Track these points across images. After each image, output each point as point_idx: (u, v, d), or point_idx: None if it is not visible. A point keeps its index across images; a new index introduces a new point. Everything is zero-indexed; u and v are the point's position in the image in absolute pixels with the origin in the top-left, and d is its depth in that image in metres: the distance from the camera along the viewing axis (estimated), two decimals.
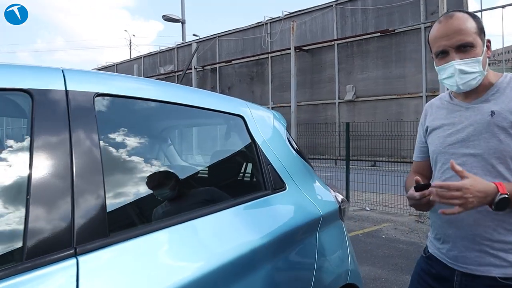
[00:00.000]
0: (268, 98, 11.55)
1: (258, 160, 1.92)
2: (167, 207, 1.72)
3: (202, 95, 1.95)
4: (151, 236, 1.32)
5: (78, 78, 1.34)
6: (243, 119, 1.97)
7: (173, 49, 14.71)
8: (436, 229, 1.71)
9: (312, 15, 10.69)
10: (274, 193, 1.90)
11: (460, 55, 1.50)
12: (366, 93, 9.43)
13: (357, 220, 7.46)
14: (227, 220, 1.62)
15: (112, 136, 1.49)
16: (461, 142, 1.55)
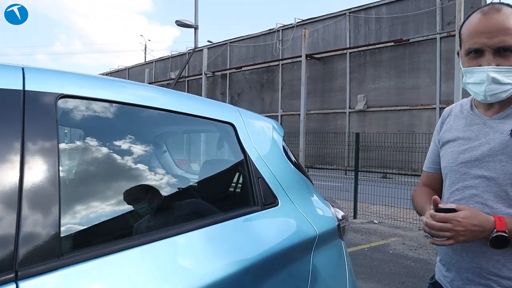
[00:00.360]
0: (278, 106, 11.41)
1: (248, 172, 1.76)
2: (150, 221, 1.57)
3: (189, 100, 1.80)
4: (117, 256, 1.16)
5: (40, 77, 1.20)
6: (233, 127, 1.81)
7: (185, 54, 14.67)
8: (441, 254, 1.53)
9: (324, 23, 10.54)
10: (264, 209, 1.73)
11: (497, 59, 1.28)
12: (377, 103, 9.24)
13: (364, 233, 7.25)
14: (206, 239, 1.45)
15: (79, 143, 1.35)
16: (475, 162, 1.37)
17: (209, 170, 2.05)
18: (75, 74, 1.34)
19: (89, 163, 1.44)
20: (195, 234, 1.42)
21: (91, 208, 1.33)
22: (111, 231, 1.40)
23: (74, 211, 1.24)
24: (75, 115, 1.29)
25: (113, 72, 19.02)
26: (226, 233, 1.54)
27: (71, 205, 1.23)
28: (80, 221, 1.26)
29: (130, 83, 1.63)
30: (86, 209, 1.29)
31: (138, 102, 1.48)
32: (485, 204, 1.32)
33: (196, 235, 1.42)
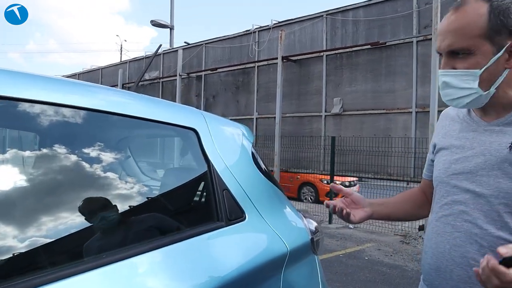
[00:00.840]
0: (253, 108, 11.23)
1: (212, 183, 1.57)
2: (101, 239, 1.36)
3: (146, 103, 1.60)
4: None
5: None
6: (196, 133, 1.62)
7: (159, 55, 14.36)
8: (424, 273, 1.38)
9: (301, 25, 10.43)
10: (229, 224, 1.54)
11: (453, 62, 1.18)
12: (353, 106, 9.17)
13: (339, 238, 7.16)
14: (162, 262, 1.26)
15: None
16: (467, 174, 1.22)
17: (170, 180, 1.85)
18: (8, 71, 1.13)
19: (28, 172, 1.23)
20: (150, 256, 1.23)
21: (29, 225, 1.12)
22: (54, 253, 1.19)
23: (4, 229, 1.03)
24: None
25: (85, 72, 18.51)
26: (185, 254, 1.35)
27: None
28: (13, 243, 1.05)
29: (79, 84, 1.44)
30: (20, 227, 1.08)
31: (89, 106, 1.28)
32: (474, 224, 1.19)
33: (151, 257, 1.23)
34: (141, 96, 1.64)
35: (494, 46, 1.14)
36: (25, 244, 1.07)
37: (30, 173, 1.23)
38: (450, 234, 1.23)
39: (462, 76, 1.17)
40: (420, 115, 8.07)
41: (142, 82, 14.75)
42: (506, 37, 1.13)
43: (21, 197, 1.17)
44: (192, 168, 1.74)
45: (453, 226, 1.23)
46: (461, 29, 1.15)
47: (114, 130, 1.59)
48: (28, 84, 1.17)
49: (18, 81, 1.15)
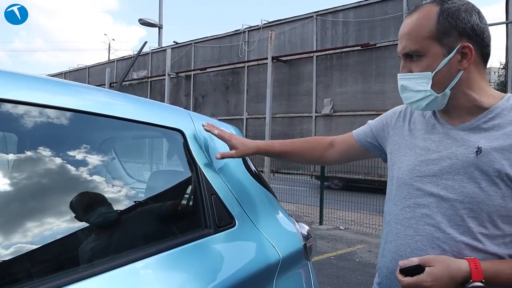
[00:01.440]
0: (243, 109, 11.15)
1: (199, 188, 1.48)
2: (89, 246, 1.26)
3: (131, 102, 1.50)
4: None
5: None
6: (182, 134, 1.53)
7: (148, 54, 14.20)
8: (381, 277, 1.34)
9: (291, 25, 10.38)
10: (218, 232, 1.45)
11: (409, 65, 1.20)
12: (344, 107, 9.13)
13: (330, 240, 7.10)
14: (146, 273, 1.17)
15: None
16: (431, 177, 1.20)
17: (155, 184, 1.75)
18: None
19: (10, 175, 1.14)
20: (129, 269, 1.13)
21: (13, 231, 1.01)
22: (36, 261, 1.09)
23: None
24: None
25: (72, 71, 18.26)
26: (171, 264, 1.25)
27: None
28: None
29: (67, 83, 1.34)
30: (4, 233, 0.97)
31: (74, 107, 1.19)
32: (436, 227, 1.17)
33: (130, 270, 1.13)
34: (125, 96, 1.54)
35: (444, 47, 1.14)
36: (10, 251, 0.98)
37: (12, 176, 1.14)
38: (411, 237, 1.22)
39: (416, 79, 1.18)
40: None
41: (130, 81, 14.59)
42: (456, 39, 1.14)
43: (4, 201, 1.07)
44: (179, 171, 1.64)
45: (415, 229, 1.21)
46: (412, 32, 1.17)
47: (98, 132, 1.49)
48: (13, 84, 1.08)
49: (3, 80, 1.06)
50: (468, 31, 1.13)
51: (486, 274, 1.07)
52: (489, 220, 1.12)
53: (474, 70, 1.16)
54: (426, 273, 1.08)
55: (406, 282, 1.10)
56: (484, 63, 1.19)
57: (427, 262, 1.10)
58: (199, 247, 1.37)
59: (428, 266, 1.09)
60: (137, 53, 2.16)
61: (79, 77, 16.48)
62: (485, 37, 1.15)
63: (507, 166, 1.09)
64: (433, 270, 1.08)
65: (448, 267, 1.08)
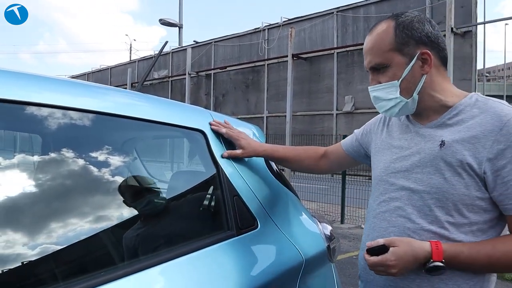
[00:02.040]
0: (263, 107, 11.12)
1: (221, 189, 1.46)
2: (139, 228, 1.26)
3: (153, 103, 1.49)
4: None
5: None
6: (204, 134, 1.51)
7: (168, 54, 14.28)
8: (360, 270, 1.44)
9: (311, 22, 10.29)
10: (240, 234, 1.43)
11: (378, 77, 1.31)
12: (365, 104, 9.01)
13: (352, 239, 7.01)
14: (166, 278, 1.15)
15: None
16: (404, 172, 1.31)
17: (177, 184, 1.73)
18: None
19: (35, 177, 1.14)
20: (153, 272, 1.12)
21: (38, 232, 1.01)
22: (60, 265, 1.09)
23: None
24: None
25: (95, 72, 18.52)
26: (192, 267, 1.23)
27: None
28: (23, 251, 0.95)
29: (88, 85, 1.33)
30: (31, 234, 0.97)
31: (96, 109, 1.19)
32: (407, 218, 1.27)
33: (152, 273, 1.12)
34: (147, 97, 1.53)
35: (405, 56, 1.25)
36: (36, 251, 0.99)
37: (37, 177, 1.14)
38: (385, 229, 1.31)
39: (385, 88, 1.29)
40: None
41: (151, 81, 14.70)
42: (414, 47, 1.25)
43: (29, 203, 1.08)
44: (200, 172, 1.62)
45: (388, 221, 1.31)
46: (374, 47, 1.28)
47: (120, 133, 1.49)
48: (37, 86, 1.09)
49: (27, 83, 1.07)
50: (424, 38, 1.24)
51: (446, 254, 1.15)
52: (455, 209, 1.20)
53: (436, 73, 1.27)
54: (390, 253, 1.17)
55: (372, 261, 1.20)
56: (444, 66, 1.30)
57: (391, 243, 1.19)
58: (221, 250, 1.35)
59: (392, 246, 1.18)
60: (158, 53, 2.15)
61: (102, 78, 16.70)
62: (440, 42, 1.27)
63: (468, 156, 1.17)
64: (397, 250, 1.18)
65: (412, 247, 1.18)
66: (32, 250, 1.00)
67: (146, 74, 1.99)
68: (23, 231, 1.03)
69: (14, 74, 1.07)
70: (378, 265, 1.19)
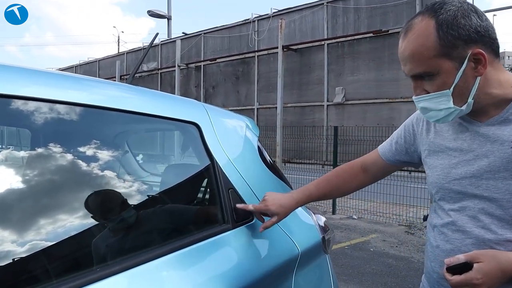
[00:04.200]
0: (254, 99, 11.09)
1: (216, 182, 1.44)
2: (109, 239, 1.23)
3: (145, 96, 1.47)
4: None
5: None
6: (198, 127, 1.49)
7: (157, 46, 14.16)
8: (430, 282, 1.30)
9: (301, 13, 10.26)
10: (236, 227, 1.42)
11: (422, 84, 1.12)
12: (356, 96, 9.03)
13: (343, 230, 7.05)
14: (158, 274, 1.14)
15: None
16: (471, 179, 1.14)
17: (171, 178, 1.71)
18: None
19: (24, 172, 1.11)
20: (147, 268, 1.10)
21: (27, 229, 0.99)
22: (51, 261, 1.06)
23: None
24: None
25: (83, 64, 18.31)
26: (188, 262, 1.22)
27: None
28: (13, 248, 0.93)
29: (80, 78, 1.30)
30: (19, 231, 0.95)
31: (86, 102, 1.16)
32: (487, 229, 1.12)
33: (148, 268, 1.10)
34: (138, 89, 1.51)
35: (454, 61, 1.07)
36: (24, 248, 0.96)
37: (25, 173, 1.11)
38: (461, 241, 1.16)
39: (435, 99, 1.11)
40: None
41: (140, 73, 14.57)
42: (464, 48, 1.06)
43: (18, 199, 1.06)
44: (194, 166, 1.60)
45: (463, 232, 1.16)
46: (415, 54, 1.09)
47: (112, 126, 1.46)
48: (25, 80, 1.06)
49: (14, 77, 1.04)
50: (473, 36, 1.05)
51: None
52: None
53: (490, 69, 1.09)
54: (475, 270, 1.03)
55: (454, 281, 1.05)
56: (496, 57, 1.11)
57: (474, 258, 1.05)
58: (217, 243, 1.34)
59: (476, 263, 1.04)
60: (148, 45, 2.11)
61: (90, 70, 16.52)
62: (491, 33, 1.08)
63: None
64: (482, 266, 1.03)
65: (498, 261, 1.04)
66: (22, 247, 0.98)
67: (137, 67, 1.96)
68: (13, 228, 1.00)
69: (1, 67, 1.04)
70: (463, 284, 1.04)
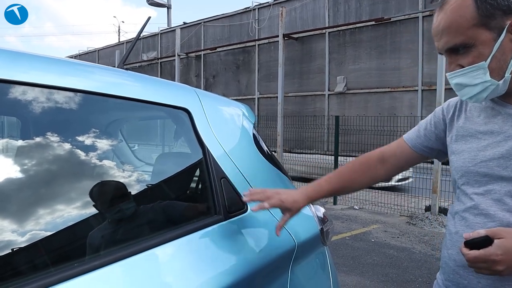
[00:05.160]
0: (254, 88, 10.99)
1: (207, 171, 1.36)
2: (102, 229, 1.17)
3: (132, 80, 1.39)
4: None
5: None
6: (188, 113, 1.41)
7: (157, 35, 14.03)
8: (447, 272, 1.22)
9: (302, 1, 10.11)
10: (228, 218, 1.34)
11: (457, 59, 1.09)
12: (357, 85, 8.92)
13: (344, 220, 7.01)
14: (144, 269, 1.06)
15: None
16: (499, 160, 1.10)
17: (162, 167, 1.64)
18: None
19: (16, 161, 1.04)
20: (132, 260, 1.03)
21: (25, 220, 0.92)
22: (51, 251, 1.00)
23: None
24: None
25: (82, 54, 18.19)
26: (175, 256, 1.15)
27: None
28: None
29: (60, 60, 1.22)
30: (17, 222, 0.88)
31: (78, 87, 1.09)
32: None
33: (132, 262, 1.03)
34: (127, 74, 1.43)
35: (492, 31, 1.04)
36: (23, 239, 0.93)
37: (18, 163, 1.05)
38: (482, 224, 1.11)
39: (470, 72, 1.08)
40: (426, 93, 7.85)
41: (140, 63, 14.45)
42: (502, 18, 1.04)
43: (14, 189, 1.00)
44: (185, 154, 1.52)
45: (486, 216, 1.11)
46: (452, 25, 1.07)
47: (101, 112, 1.38)
48: (24, 65, 1.00)
49: (13, 62, 0.98)
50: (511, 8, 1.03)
51: None
52: None
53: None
54: (496, 246, 0.98)
55: (472, 255, 0.99)
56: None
57: (496, 234, 0.99)
58: (208, 235, 1.26)
59: (497, 238, 0.98)
60: (140, 28, 2.03)
61: (89, 60, 16.39)
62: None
63: None
64: (504, 243, 0.98)
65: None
66: (22, 237, 0.93)
67: (129, 50, 1.88)
68: (8, 218, 0.94)
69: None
70: (480, 260, 0.99)
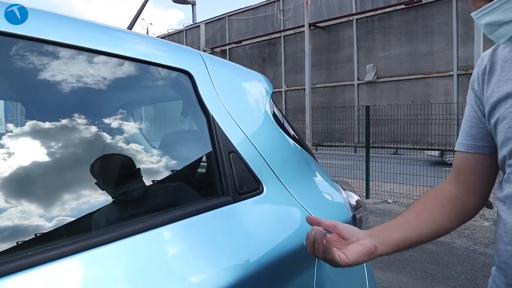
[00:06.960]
0: (281, 81, 10.72)
1: (213, 143, 1.13)
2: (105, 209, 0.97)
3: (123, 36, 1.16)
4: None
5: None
6: (190, 76, 1.18)
7: (182, 32, 13.94)
8: (500, 255, 0.95)
9: None
10: (238, 200, 1.10)
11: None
12: (388, 73, 8.53)
13: (378, 214, 6.69)
14: (137, 256, 0.84)
15: None
16: None
17: (168, 145, 1.41)
18: None
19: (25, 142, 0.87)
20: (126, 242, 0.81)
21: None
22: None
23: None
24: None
25: None
26: (171, 243, 0.92)
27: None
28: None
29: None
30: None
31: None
32: None
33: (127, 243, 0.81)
34: (125, 32, 1.21)
35: None
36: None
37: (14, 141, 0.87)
38: None
39: (502, 6, 0.86)
40: (462, 78, 7.39)
41: None
42: None
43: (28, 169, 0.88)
44: (189, 131, 1.29)
45: None
46: None
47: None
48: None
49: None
50: None
51: None
52: None
53: None
54: None
55: None
56: None
57: None
58: (213, 221, 1.03)
59: None
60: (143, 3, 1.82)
61: None
62: None
63: None
64: None
65: None
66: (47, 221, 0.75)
67: (137, 16, 1.67)
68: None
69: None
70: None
